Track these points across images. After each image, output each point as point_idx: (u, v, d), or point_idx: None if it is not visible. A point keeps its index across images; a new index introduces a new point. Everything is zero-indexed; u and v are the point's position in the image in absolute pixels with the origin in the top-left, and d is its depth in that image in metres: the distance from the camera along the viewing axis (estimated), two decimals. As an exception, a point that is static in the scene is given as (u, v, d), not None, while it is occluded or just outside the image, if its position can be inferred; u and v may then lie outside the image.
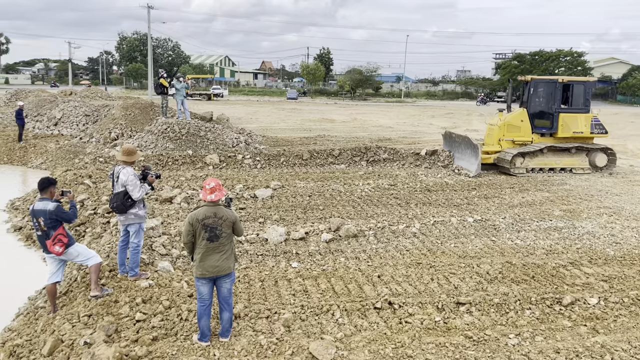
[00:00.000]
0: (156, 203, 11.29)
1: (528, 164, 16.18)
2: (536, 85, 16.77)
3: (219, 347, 5.53)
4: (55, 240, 6.12)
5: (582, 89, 16.55)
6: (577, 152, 16.52)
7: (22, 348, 5.88)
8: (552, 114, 16.40)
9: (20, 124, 20.53)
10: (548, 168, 16.32)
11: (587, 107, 16.57)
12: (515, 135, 16.50)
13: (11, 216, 11.78)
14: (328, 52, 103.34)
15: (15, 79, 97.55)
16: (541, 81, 16.97)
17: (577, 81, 16.94)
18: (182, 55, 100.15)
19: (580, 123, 16.35)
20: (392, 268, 7.97)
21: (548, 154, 16.34)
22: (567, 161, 16.46)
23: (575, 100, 16.51)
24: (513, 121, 16.59)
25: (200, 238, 5.40)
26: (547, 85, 16.61)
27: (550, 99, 16.44)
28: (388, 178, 14.87)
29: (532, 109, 16.64)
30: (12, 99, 32.44)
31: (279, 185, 13.27)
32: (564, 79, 16.71)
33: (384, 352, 5.46)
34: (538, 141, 16.49)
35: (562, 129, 16.35)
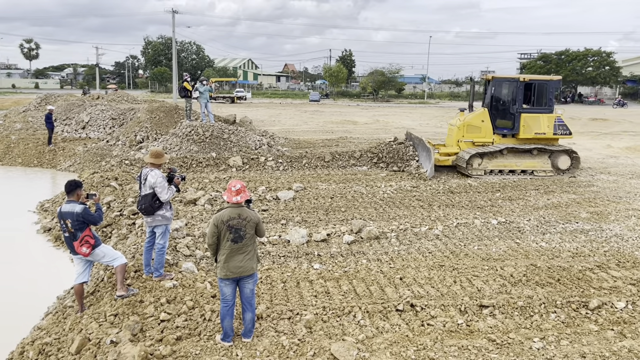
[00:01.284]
0: (180, 205, 11.45)
1: (486, 166, 15.60)
2: (497, 84, 16.17)
3: (242, 347, 5.59)
4: (82, 241, 6.27)
5: (545, 88, 15.85)
6: (539, 154, 15.89)
7: (51, 346, 6.04)
8: (514, 114, 15.73)
9: (49, 127, 21.05)
10: (508, 170, 15.73)
11: (550, 107, 15.90)
12: (476, 136, 15.93)
13: (41, 217, 12.09)
14: (350, 54, 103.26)
15: (45, 83, 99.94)
16: (502, 80, 16.31)
17: (540, 80, 16.18)
18: (206, 59, 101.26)
19: (543, 123, 15.66)
20: (414, 270, 7.94)
21: (508, 155, 15.75)
22: (528, 163, 15.82)
23: (538, 99, 15.79)
24: (473, 121, 16.02)
25: (225, 239, 5.47)
26: (509, 84, 15.98)
27: (512, 98, 15.79)
28: (411, 179, 14.79)
29: (493, 109, 16.05)
30: (42, 103, 33.21)
31: (301, 187, 13.32)
32: (526, 77, 16.07)
33: (405, 354, 5.44)
34: (499, 142, 15.85)
35: (524, 130, 15.67)
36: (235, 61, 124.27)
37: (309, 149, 20.27)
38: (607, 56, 73.09)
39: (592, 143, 25.36)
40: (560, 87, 17.26)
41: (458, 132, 16.11)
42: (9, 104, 49.21)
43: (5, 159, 20.06)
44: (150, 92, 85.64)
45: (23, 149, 20.61)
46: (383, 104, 68.51)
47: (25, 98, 53.48)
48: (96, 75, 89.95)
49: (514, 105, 15.72)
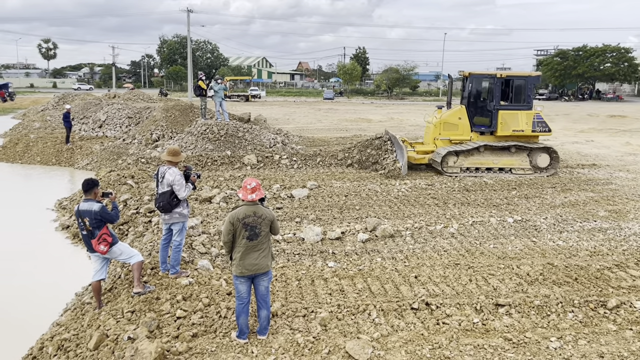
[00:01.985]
0: (196, 203, 11.53)
1: (462, 164, 15.34)
2: (474, 81, 15.91)
3: (257, 344, 5.62)
4: (100, 239, 6.35)
5: (523, 85, 15.49)
6: (517, 152, 15.55)
7: (70, 342, 6.13)
8: (491, 111, 15.45)
9: (67, 126, 21.32)
10: (485, 168, 15.43)
11: (529, 104, 15.55)
12: (453, 134, 15.67)
13: (59, 215, 12.26)
14: (364, 51, 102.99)
15: (63, 82, 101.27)
16: (480, 76, 16.02)
17: (518, 76, 15.77)
18: (220, 58, 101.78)
19: (521, 120, 15.29)
20: (429, 269, 7.90)
21: (485, 152, 15.42)
22: (505, 161, 15.48)
23: (515, 96, 15.49)
24: (449, 119, 15.77)
25: (240, 237, 5.50)
26: (486, 81, 15.75)
27: (489, 95, 15.54)
28: (425, 178, 14.73)
29: (471, 106, 15.79)
30: (60, 102, 33.72)
31: (315, 185, 13.33)
32: (503, 74, 15.75)
33: (421, 352, 5.43)
34: (477, 140, 15.59)
35: (502, 127, 15.36)
36: (249, 60, 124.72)
37: (323, 147, 20.27)
38: (625, 52, 71.97)
39: (611, 140, 25.01)
40: (539, 83, 16.89)
41: (434, 129, 15.84)
42: (28, 103, 50.00)
43: (24, 158, 20.37)
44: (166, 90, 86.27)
45: (42, 148, 20.91)
46: (397, 101, 68.27)
47: (43, 97, 54.27)
48: (112, 74, 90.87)
49: (491, 102, 15.43)
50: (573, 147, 22.29)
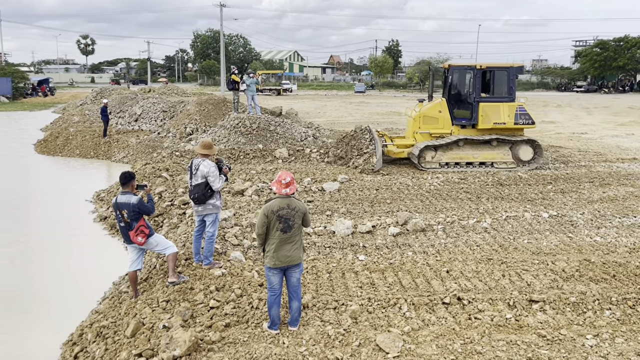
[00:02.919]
0: (228, 195, 11.69)
1: (441, 158, 14.88)
2: (455, 73, 15.36)
3: (288, 335, 5.68)
4: (137, 231, 6.53)
5: (505, 76, 14.89)
6: (499, 145, 15.03)
7: (108, 329, 6.33)
8: (471, 103, 14.87)
9: (104, 120, 21.89)
10: (465, 162, 14.95)
11: (511, 96, 14.91)
12: (433, 128, 15.14)
13: (97, 207, 12.63)
14: (397, 44, 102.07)
15: (100, 78, 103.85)
16: (459, 68, 15.47)
17: (499, 67, 15.15)
18: (252, 52, 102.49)
19: (503, 113, 14.66)
20: (461, 263, 7.83)
21: (465, 147, 14.97)
22: (486, 155, 14.94)
23: (497, 88, 14.90)
24: (429, 112, 15.25)
25: (275, 229, 5.57)
26: (466, 73, 15.15)
27: (470, 87, 14.97)
28: (458, 172, 14.54)
29: (452, 99, 15.26)
30: (97, 97, 34.60)
31: (346, 179, 13.34)
32: (483, 65, 15.06)
33: (452, 347, 5.39)
34: (458, 133, 15.03)
35: (482, 120, 14.73)
36: (281, 53, 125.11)
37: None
38: (671, 42, 69.13)
39: (653, 134, 24.13)
40: (522, 73, 16.19)
41: (414, 123, 15.41)
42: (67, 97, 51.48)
43: (64, 151, 21.02)
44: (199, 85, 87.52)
45: (80, 141, 21.53)
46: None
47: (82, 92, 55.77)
48: (148, 69, 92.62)
49: (471, 95, 14.90)
50: (612, 140, 21.62)
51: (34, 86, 58.40)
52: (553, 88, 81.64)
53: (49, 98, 54.73)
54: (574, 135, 23.23)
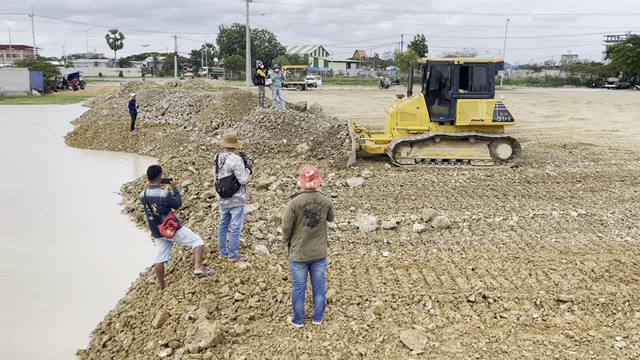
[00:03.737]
0: (253, 189, 11.77)
1: (416, 155, 14.65)
2: (433, 69, 15.02)
3: (312, 329, 5.71)
4: (166, 224, 6.63)
5: (483, 72, 14.55)
6: (477, 142, 14.68)
7: (135, 319, 6.46)
8: (449, 99, 14.57)
9: (132, 113, 22.24)
10: (441, 159, 14.70)
11: (490, 92, 14.54)
12: (410, 124, 14.86)
13: (125, 199, 12.86)
14: (423, 39, 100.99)
15: (128, 72, 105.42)
16: (437, 64, 15.24)
17: (478, 63, 14.92)
18: (278, 47, 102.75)
19: (481, 109, 14.32)
20: (487, 261, 7.74)
21: (442, 143, 14.66)
22: (463, 152, 14.67)
23: (475, 84, 14.58)
24: (407, 109, 14.96)
25: (301, 224, 5.59)
26: (444, 68, 14.82)
27: (447, 83, 14.66)
28: (484, 169, 14.36)
29: (430, 95, 14.95)
30: (126, 90, 35.14)
31: (370, 175, 13.29)
32: (461, 60, 14.89)
33: (477, 345, 5.34)
34: (436, 130, 14.72)
35: (460, 117, 14.42)
36: (306, 48, 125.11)
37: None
38: None
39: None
40: (502, 69, 15.73)
41: (391, 119, 15.17)
42: (96, 91, 52.43)
43: (93, 143, 21.44)
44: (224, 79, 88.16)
45: (109, 134, 21.93)
46: (456, 90, 66.57)
47: (110, 86, 56.73)
48: (174, 63, 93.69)
49: (449, 91, 14.62)
50: (645, 138, 21.04)
51: (64, 80, 59.61)
52: (583, 84, 79.83)
53: (79, 92, 55.84)
54: (604, 132, 22.69)
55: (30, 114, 34.31)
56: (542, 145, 18.81)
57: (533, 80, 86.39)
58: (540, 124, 25.83)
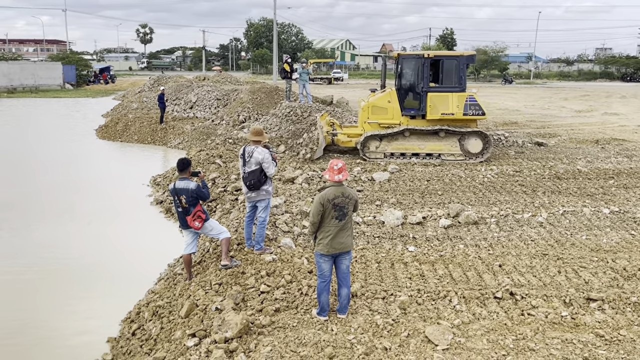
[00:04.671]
0: (279, 183, 11.84)
1: (385, 149, 14.46)
2: (404, 62, 14.77)
3: (337, 322, 5.73)
4: (195, 216, 6.73)
5: (454, 65, 14.26)
6: (447, 136, 14.46)
7: (163, 309, 6.59)
8: (420, 93, 14.34)
9: (161, 107, 22.58)
10: (411, 153, 14.54)
11: (461, 86, 14.23)
12: (382, 118, 14.65)
13: (154, 191, 13.09)
14: (451, 32, 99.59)
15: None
16: (408, 57, 14.93)
17: (448, 56, 14.76)
18: (304, 40, 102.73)
19: (452, 103, 14.03)
20: (514, 258, 7.63)
21: (411, 137, 14.48)
22: (433, 146, 14.48)
23: (446, 77, 14.29)
24: (378, 103, 14.78)
25: (329, 217, 5.62)
26: (414, 62, 14.52)
27: (418, 76, 14.40)
28: (512, 164, 14.13)
29: (401, 89, 14.73)
30: (155, 84, 35.66)
31: (396, 169, 13.22)
32: (431, 53, 14.59)
33: (503, 342, 5.29)
34: (407, 124, 14.53)
35: (431, 110, 14.15)
36: (333, 42, 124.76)
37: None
38: None
39: None
40: (473, 62, 15.40)
41: (363, 113, 15.01)
42: (127, 85, 53.37)
43: (123, 136, 21.86)
44: (251, 73, 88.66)
45: (139, 127, 22.32)
46: (485, 84, 65.60)
47: (140, 80, 57.61)
48: (202, 57, 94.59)
49: (419, 84, 14.36)
50: (682, 134, 20.37)
51: (96, 74, 60.88)
52: (617, 78, 77.60)
53: (110, 85, 56.95)
54: (639, 128, 22.05)
55: (64, 107, 35.17)
56: (573, 140, 18.39)
57: (565, 74, 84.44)
58: (572, 119, 25.24)
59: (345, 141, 15.20)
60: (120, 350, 6.14)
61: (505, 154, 15.71)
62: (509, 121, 23.72)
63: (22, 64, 53.73)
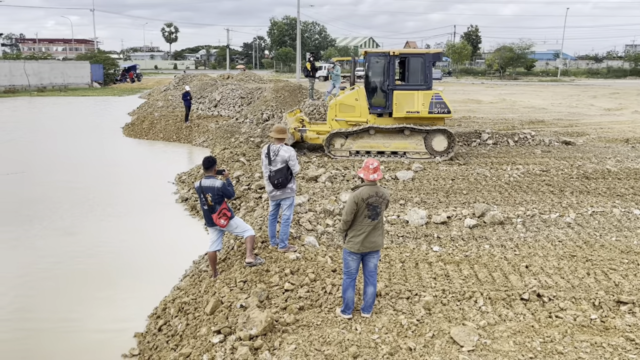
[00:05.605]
0: (302, 181, 11.86)
1: (350, 146, 14.41)
2: (371, 60, 14.61)
3: (361, 322, 5.72)
4: (220, 214, 6.80)
5: (420, 63, 14.16)
6: (412, 134, 14.37)
7: (189, 305, 6.67)
8: (386, 91, 14.26)
9: (187, 105, 22.83)
10: (376, 151, 14.45)
11: (427, 84, 14.14)
12: (349, 116, 14.60)
13: (179, 188, 13.25)
14: (476, 29, 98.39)
15: (182, 64, 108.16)
16: (375, 55, 14.77)
17: (414, 54, 14.74)
18: (328, 39, 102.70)
19: (417, 101, 13.97)
20: (541, 259, 7.51)
21: (377, 135, 14.42)
22: (398, 144, 14.41)
23: (412, 75, 14.26)
24: (345, 100, 14.72)
25: (363, 216, 5.62)
26: (381, 59, 14.41)
27: (384, 74, 14.29)
28: (539, 164, 13.90)
29: (368, 87, 14.63)
30: (180, 83, 36.06)
31: (420, 168, 13.12)
32: (396, 51, 14.38)
33: (530, 345, 5.21)
34: (374, 122, 14.48)
35: (397, 109, 14.10)
36: (356, 40, 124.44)
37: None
38: None
39: None
40: (439, 60, 15.14)
41: (331, 111, 14.94)
42: (152, 83, 54.11)
43: (149, 134, 22.17)
44: (275, 72, 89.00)
45: (164, 125, 22.61)
46: (510, 81, 64.64)
47: (165, 78, 58.39)
48: (226, 56, 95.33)
49: (385, 82, 14.26)
50: None
51: (122, 72, 61.87)
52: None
53: (136, 84, 57.82)
54: (671, 126, 21.45)
55: (92, 105, 35.85)
56: (602, 139, 18.00)
57: (593, 72, 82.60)
58: (601, 117, 24.70)
59: (313, 138, 15.27)
60: (147, 346, 6.24)
61: (531, 153, 15.46)
62: (535, 120, 23.33)
63: (52, 63, 54.90)
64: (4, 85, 44.64)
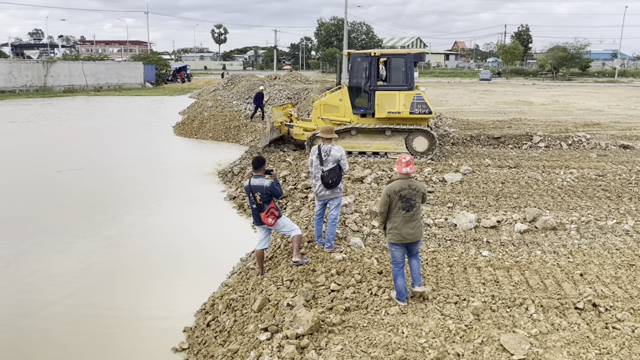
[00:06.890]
0: (348, 182, 11.86)
1: None
2: (354, 60, 14.68)
3: (408, 325, 5.65)
4: (268, 212, 6.90)
5: (401, 63, 14.18)
6: (393, 135, 14.42)
7: (237, 302, 6.79)
8: (368, 92, 14.31)
9: (257, 106, 23.21)
10: (357, 152, 14.57)
11: (408, 84, 14.07)
12: (333, 116, 14.76)
13: (227, 187, 13.50)
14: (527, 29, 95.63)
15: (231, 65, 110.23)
16: (357, 55, 14.82)
17: (395, 54, 14.85)
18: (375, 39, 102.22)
19: (398, 102, 14.00)
20: (597, 267, 7.23)
21: (358, 136, 14.56)
22: (379, 145, 14.53)
23: (393, 76, 14.30)
24: (330, 101, 14.93)
25: (397, 208, 5.91)
26: (363, 60, 14.46)
27: (366, 75, 14.35)
28: (594, 168, 13.37)
29: (351, 87, 14.70)
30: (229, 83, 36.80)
31: (469, 170, 12.88)
32: (377, 52, 14.41)
33: (585, 356, 5.01)
34: (357, 122, 14.63)
35: (378, 109, 14.20)
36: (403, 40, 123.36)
37: (479, 130, 19.43)
38: None
39: None
40: (422, 60, 15.04)
41: (315, 111, 15.17)
42: (202, 84, 55.42)
43: (199, 133, 22.68)
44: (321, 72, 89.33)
45: (213, 125, 23.08)
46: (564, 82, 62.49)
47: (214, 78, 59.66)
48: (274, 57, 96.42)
49: (367, 83, 14.31)
50: None
51: (173, 73, 63.64)
52: None
53: (186, 84, 59.35)
54: None
55: (145, 104, 37.04)
56: (664, 143, 17.14)
57: (654, 72, 78.77)
58: (662, 120, 23.53)
59: (299, 134, 15.61)
60: (196, 340, 6.39)
61: (586, 157, 14.91)
62: (591, 122, 22.45)
63: (108, 64, 57.10)
64: (64, 85, 46.83)
